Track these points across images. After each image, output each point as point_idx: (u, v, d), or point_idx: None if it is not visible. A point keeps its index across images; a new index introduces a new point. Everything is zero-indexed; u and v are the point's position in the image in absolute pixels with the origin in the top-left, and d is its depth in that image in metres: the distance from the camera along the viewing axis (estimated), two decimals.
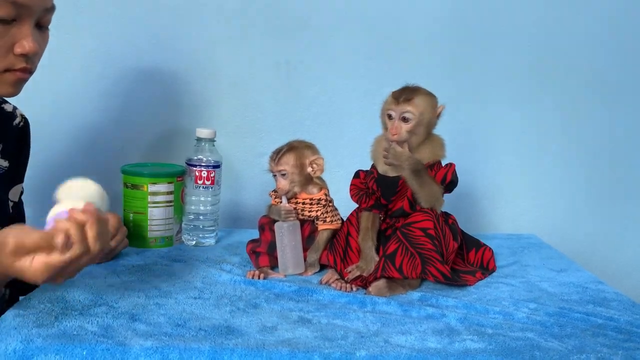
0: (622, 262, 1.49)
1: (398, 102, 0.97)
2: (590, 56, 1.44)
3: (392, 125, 0.97)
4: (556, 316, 0.88)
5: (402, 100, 0.97)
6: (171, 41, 1.39)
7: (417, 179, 0.95)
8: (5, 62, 0.86)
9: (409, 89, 0.99)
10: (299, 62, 1.41)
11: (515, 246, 1.26)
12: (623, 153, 1.47)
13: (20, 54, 0.86)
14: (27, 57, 0.87)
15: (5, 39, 0.84)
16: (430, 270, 0.93)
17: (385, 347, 0.75)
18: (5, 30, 0.84)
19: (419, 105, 0.97)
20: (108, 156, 1.41)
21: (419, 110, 0.97)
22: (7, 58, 0.86)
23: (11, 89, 0.89)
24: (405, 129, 0.97)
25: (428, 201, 0.96)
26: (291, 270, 1.02)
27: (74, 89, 1.39)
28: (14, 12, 0.83)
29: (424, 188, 0.96)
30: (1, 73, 0.86)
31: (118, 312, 0.81)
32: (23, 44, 0.85)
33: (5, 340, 0.72)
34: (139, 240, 1.13)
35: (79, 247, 0.75)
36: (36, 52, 0.87)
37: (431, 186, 0.97)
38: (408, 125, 0.97)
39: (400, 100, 0.97)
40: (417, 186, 0.96)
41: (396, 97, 0.98)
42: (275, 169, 1.05)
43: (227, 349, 0.72)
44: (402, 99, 0.97)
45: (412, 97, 0.97)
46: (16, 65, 0.87)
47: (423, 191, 0.96)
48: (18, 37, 0.85)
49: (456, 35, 1.41)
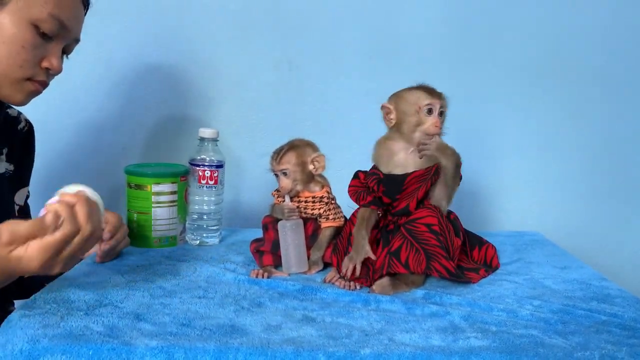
0: (626, 259, 1.49)
1: (437, 95, 0.99)
2: (593, 54, 1.43)
3: (435, 118, 0.99)
4: (560, 313, 0.88)
5: (439, 96, 1.00)
6: (173, 41, 1.39)
7: (456, 172, 0.98)
8: (31, 71, 0.92)
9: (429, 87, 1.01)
10: (300, 61, 1.41)
11: (518, 243, 1.26)
12: (626, 150, 1.47)
13: (45, 67, 0.93)
14: (49, 73, 0.94)
15: (39, 51, 0.91)
16: (434, 266, 0.93)
17: (390, 345, 0.75)
18: (42, 44, 0.91)
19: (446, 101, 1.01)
20: (111, 156, 1.41)
21: (447, 105, 1.01)
22: (34, 68, 0.92)
23: (23, 98, 0.95)
24: (441, 123, 1.00)
25: (449, 196, 0.99)
26: (294, 268, 1.03)
27: (77, 90, 1.39)
28: (56, 30, 0.91)
29: (455, 184, 0.99)
30: (23, 80, 0.92)
31: (123, 312, 0.82)
32: (52, 60, 0.93)
33: (12, 341, 0.72)
34: (142, 240, 1.13)
35: (69, 224, 0.76)
36: (59, 72, 0.95)
37: (457, 184, 0.99)
38: (442, 119, 1.00)
39: (438, 94, 1.00)
40: (451, 180, 0.98)
41: (432, 92, 1.00)
42: (277, 168, 1.05)
43: (232, 348, 0.73)
44: (437, 93, 1.00)
45: (442, 93, 1.01)
46: (38, 77, 0.93)
47: (452, 186, 0.98)
48: (49, 53, 0.93)
49: (458, 33, 1.41)
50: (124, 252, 1.09)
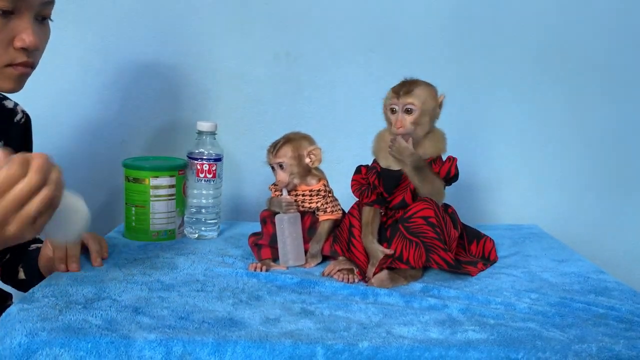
0: (624, 252, 1.49)
1: (399, 95, 0.98)
2: (592, 47, 1.43)
3: (396, 118, 0.98)
4: (558, 306, 0.88)
5: (403, 93, 0.98)
6: (171, 34, 1.39)
7: (418, 175, 0.97)
8: (5, 57, 0.85)
9: (408, 82, 1.01)
10: (299, 54, 1.40)
11: (516, 236, 1.26)
12: (624, 143, 1.47)
13: (20, 47, 0.85)
14: (27, 51, 0.86)
15: (4, 33, 0.83)
16: (433, 258, 0.93)
17: (388, 338, 0.75)
18: (4, 24, 0.83)
19: (420, 96, 0.98)
20: (109, 150, 1.41)
21: (420, 100, 0.98)
22: (7, 52, 0.85)
23: (13, 84, 0.88)
24: (410, 120, 0.98)
25: (432, 195, 0.98)
26: (292, 262, 1.03)
27: (75, 83, 1.39)
28: (11, 4, 0.82)
29: (425, 184, 0.97)
30: (3, 68, 0.85)
31: (121, 306, 0.82)
32: (23, 37, 0.84)
33: (11, 334, 0.72)
34: (141, 233, 1.13)
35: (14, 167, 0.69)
36: (36, 46, 0.86)
37: (433, 182, 0.98)
38: (412, 116, 0.98)
39: (401, 94, 0.98)
40: (418, 182, 0.97)
41: (396, 91, 0.99)
42: (273, 161, 1.05)
43: (231, 341, 0.73)
44: (402, 92, 0.99)
45: (412, 88, 0.99)
46: (17, 60, 0.85)
47: (424, 187, 0.98)
48: (18, 30, 0.84)
49: (458, 25, 1.41)
50: (122, 245, 1.09)
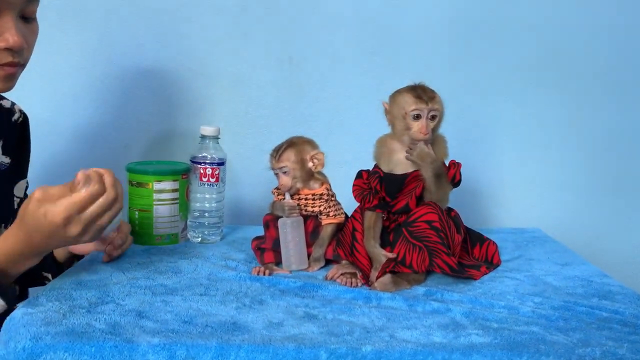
0: (627, 256, 1.49)
1: (424, 101, 0.97)
2: (593, 52, 1.43)
3: (421, 124, 0.98)
4: (561, 310, 0.88)
5: (429, 99, 0.97)
6: (173, 39, 1.39)
7: (437, 181, 0.97)
8: None
9: (423, 87, 1.00)
10: (301, 58, 1.41)
11: (519, 240, 1.26)
12: (627, 146, 1.47)
13: (4, 48, 0.84)
14: (13, 51, 0.84)
15: None
16: (437, 262, 0.93)
17: (391, 342, 0.75)
18: None
19: (441, 102, 0.99)
20: (113, 154, 1.41)
21: (442, 107, 0.99)
22: None
23: (2, 85, 0.87)
24: (431, 127, 0.98)
25: (439, 201, 0.98)
26: (295, 266, 1.03)
27: (78, 88, 1.39)
28: None
29: (440, 190, 0.98)
30: None
31: (125, 310, 0.82)
32: (6, 37, 0.83)
33: (15, 338, 0.72)
34: (144, 237, 1.13)
35: (96, 184, 0.81)
36: (21, 45, 0.85)
37: (446, 188, 0.99)
38: (434, 123, 0.99)
39: (426, 99, 0.97)
40: (434, 187, 0.97)
41: (420, 97, 0.97)
42: (276, 166, 1.05)
43: (234, 345, 0.73)
44: (427, 97, 0.97)
45: (434, 94, 0.99)
46: (2, 60, 0.84)
47: (439, 192, 0.98)
48: (0, 31, 0.83)
49: (459, 29, 1.41)
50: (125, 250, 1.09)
